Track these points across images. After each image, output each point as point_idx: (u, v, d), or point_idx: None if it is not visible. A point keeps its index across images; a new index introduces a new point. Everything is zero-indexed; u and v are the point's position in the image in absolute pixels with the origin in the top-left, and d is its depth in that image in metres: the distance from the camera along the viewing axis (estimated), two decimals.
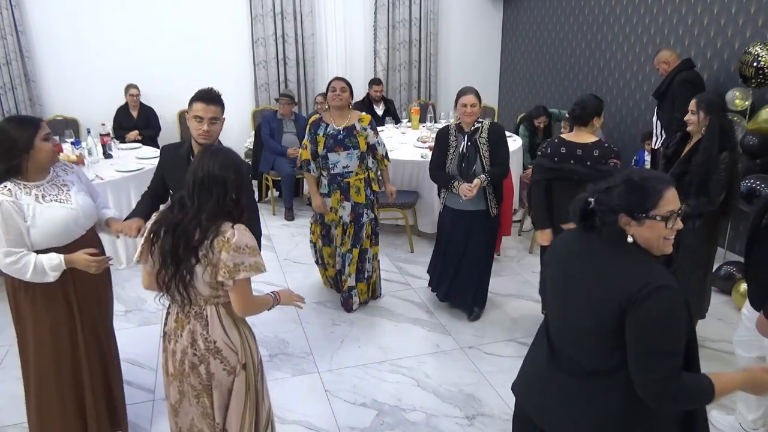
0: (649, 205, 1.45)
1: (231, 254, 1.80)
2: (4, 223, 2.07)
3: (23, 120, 2.16)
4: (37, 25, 6.21)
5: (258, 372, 2.04)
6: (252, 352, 2.02)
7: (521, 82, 7.57)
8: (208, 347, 1.92)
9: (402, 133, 5.85)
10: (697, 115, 2.90)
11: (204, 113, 2.40)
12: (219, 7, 6.68)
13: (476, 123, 3.48)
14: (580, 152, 3.09)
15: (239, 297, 1.88)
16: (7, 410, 2.90)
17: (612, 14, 5.79)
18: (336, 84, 3.52)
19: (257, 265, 1.86)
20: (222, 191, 1.84)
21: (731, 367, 3.21)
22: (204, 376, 1.94)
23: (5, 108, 6.23)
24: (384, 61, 7.37)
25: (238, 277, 1.82)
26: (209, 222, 1.82)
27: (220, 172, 1.84)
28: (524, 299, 3.97)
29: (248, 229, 1.89)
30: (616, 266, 1.48)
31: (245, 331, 2.01)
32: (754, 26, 4.23)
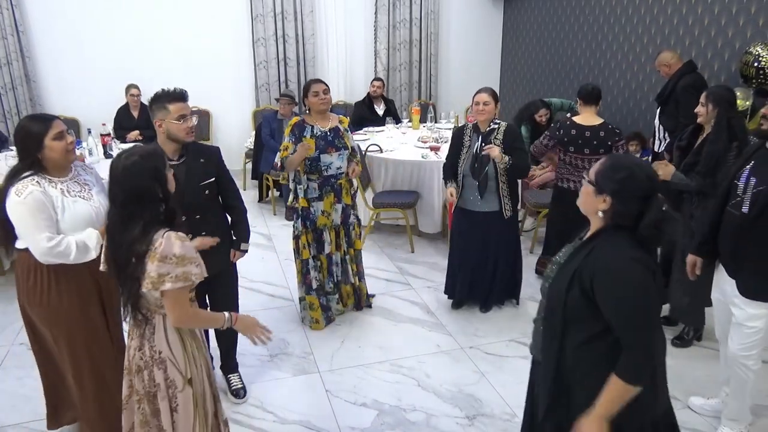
0: None
1: (156, 264, 1.72)
2: (38, 210, 2.11)
3: (35, 119, 2.21)
4: (37, 25, 6.21)
5: (208, 388, 1.97)
6: (199, 368, 1.93)
7: (522, 82, 7.57)
8: (153, 356, 1.87)
9: (402, 133, 5.85)
10: (706, 107, 2.99)
11: (187, 110, 2.47)
12: (219, 7, 6.68)
13: (492, 124, 3.48)
14: (588, 134, 3.60)
15: (169, 308, 1.81)
16: (7, 410, 2.90)
17: (612, 14, 5.79)
18: (318, 87, 3.39)
19: (186, 275, 1.76)
20: (143, 209, 1.75)
21: None
22: (147, 383, 1.90)
23: (5, 108, 6.24)
24: (384, 61, 7.37)
25: (163, 287, 1.73)
26: (142, 238, 1.75)
27: (138, 191, 1.75)
28: (525, 299, 3.97)
29: (184, 237, 1.80)
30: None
31: (192, 344, 1.92)
32: (755, 26, 4.23)
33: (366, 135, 5.71)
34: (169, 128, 2.46)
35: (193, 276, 1.79)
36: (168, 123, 2.45)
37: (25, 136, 2.15)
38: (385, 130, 5.97)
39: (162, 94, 2.48)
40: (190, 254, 1.78)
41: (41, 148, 2.15)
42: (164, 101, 2.45)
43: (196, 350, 1.93)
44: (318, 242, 3.59)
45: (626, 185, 1.53)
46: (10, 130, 6.20)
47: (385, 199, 4.78)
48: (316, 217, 3.51)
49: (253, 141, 6.27)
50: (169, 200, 1.84)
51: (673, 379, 3.12)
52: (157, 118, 2.47)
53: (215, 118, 6.95)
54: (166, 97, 2.46)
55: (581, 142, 3.62)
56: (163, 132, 2.49)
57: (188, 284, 1.78)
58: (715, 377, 3.11)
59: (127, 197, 1.75)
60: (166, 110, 2.44)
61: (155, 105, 2.48)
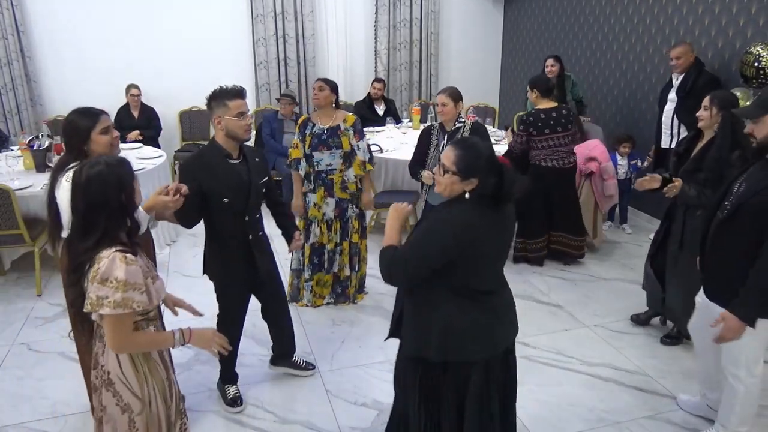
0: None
1: (96, 285, 1.63)
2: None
3: (84, 113, 2.28)
4: (37, 25, 6.22)
5: (162, 417, 1.82)
6: (152, 390, 1.79)
7: (522, 82, 7.56)
8: (102, 376, 1.78)
9: (403, 133, 5.85)
10: (710, 111, 2.92)
11: (246, 108, 2.54)
12: (220, 7, 6.68)
13: (457, 122, 3.55)
14: (554, 114, 4.20)
15: (108, 333, 1.69)
16: (7, 410, 2.90)
17: (613, 14, 5.78)
18: (315, 84, 3.54)
19: (126, 302, 1.63)
20: (104, 219, 1.66)
21: None
22: (97, 404, 1.81)
23: (5, 108, 6.24)
24: (385, 61, 7.37)
25: (101, 311, 1.63)
26: (93, 249, 1.67)
27: (101, 200, 1.66)
28: (524, 299, 3.97)
29: (134, 261, 1.68)
30: None
31: (145, 368, 1.78)
32: (755, 26, 4.23)
33: (366, 135, 5.69)
34: (228, 125, 2.49)
35: (134, 304, 1.66)
36: (227, 120, 2.48)
37: (74, 128, 2.22)
38: (386, 130, 5.97)
39: (221, 92, 2.51)
40: (133, 280, 1.65)
41: (88, 141, 2.21)
42: (224, 98, 2.48)
43: (148, 372, 1.79)
44: (306, 232, 3.75)
45: (490, 164, 1.88)
46: (10, 130, 6.21)
47: (386, 199, 4.78)
48: (308, 207, 3.72)
49: (253, 141, 6.27)
50: (133, 212, 1.76)
51: (665, 375, 3.14)
52: (215, 115, 2.50)
53: None
54: (226, 94, 2.49)
55: (552, 123, 4.19)
56: (221, 129, 2.52)
57: (128, 311, 1.66)
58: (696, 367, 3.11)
59: (87, 207, 1.66)
60: (225, 107, 2.48)
61: (214, 102, 2.51)
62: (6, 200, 3.80)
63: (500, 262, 2.07)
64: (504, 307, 2.09)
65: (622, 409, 2.87)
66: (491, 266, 2.01)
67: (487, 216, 1.90)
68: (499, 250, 2.02)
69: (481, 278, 1.96)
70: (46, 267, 4.36)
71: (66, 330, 3.61)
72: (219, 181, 2.53)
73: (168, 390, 1.85)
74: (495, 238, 1.95)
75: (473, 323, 1.97)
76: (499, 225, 1.96)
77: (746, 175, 2.28)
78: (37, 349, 3.43)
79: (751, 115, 2.19)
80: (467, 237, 1.87)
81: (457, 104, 3.53)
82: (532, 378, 3.12)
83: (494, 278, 2.04)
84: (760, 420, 2.78)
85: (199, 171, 2.52)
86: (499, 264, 2.07)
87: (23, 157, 4.63)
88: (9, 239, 3.97)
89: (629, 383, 3.08)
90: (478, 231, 1.88)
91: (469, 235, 1.87)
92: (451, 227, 1.88)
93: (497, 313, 2.04)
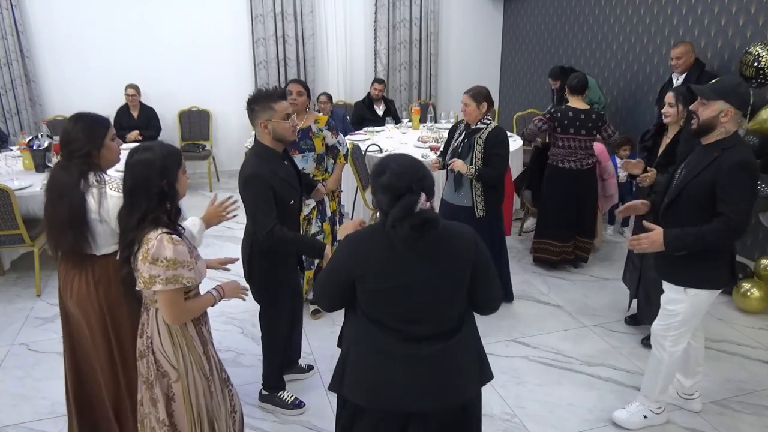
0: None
1: (147, 265, 1.79)
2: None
3: (97, 119, 2.26)
4: (37, 25, 6.21)
5: (198, 387, 1.97)
6: (189, 363, 1.95)
7: (522, 82, 7.57)
8: (147, 344, 1.96)
9: (402, 133, 5.85)
10: (676, 108, 3.06)
11: (290, 109, 2.46)
12: (219, 7, 6.68)
13: (481, 123, 3.51)
14: (582, 116, 4.06)
15: (162, 308, 1.87)
16: (7, 410, 2.90)
17: (612, 14, 5.79)
18: (292, 87, 3.26)
19: (177, 278, 1.81)
20: (145, 199, 1.82)
21: (733, 366, 3.21)
22: (146, 369, 1.98)
23: (5, 108, 6.23)
24: (384, 61, 7.37)
25: (154, 288, 1.80)
26: (136, 233, 1.83)
27: (143, 181, 1.82)
28: (524, 299, 3.97)
29: (180, 241, 1.82)
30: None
31: (182, 341, 1.95)
32: (755, 26, 4.23)
33: (366, 135, 5.71)
34: (276, 128, 2.42)
35: (184, 279, 1.83)
36: (274, 123, 2.40)
37: (89, 133, 2.19)
38: (385, 130, 5.97)
39: (264, 94, 2.42)
40: (182, 258, 1.82)
41: (101, 147, 2.21)
42: (268, 101, 2.40)
43: (185, 345, 1.95)
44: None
45: (388, 183, 1.63)
46: (10, 130, 6.21)
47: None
48: None
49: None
50: (175, 200, 1.89)
51: None
52: (261, 120, 2.41)
53: (215, 118, 6.95)
54: (270, 96, 2.41)
55: (578, 124, 4.07)
56: (268, 133, 2.43)
57: (179, 287, 1.83)
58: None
59: (133, 185, 1.83)
60: (271, 110, 2.39)
61: (257, 106, 2.41)
62: (5, 200, 3.80)
63: (425, 299, 1.68)
64: (413, 358, 1.69)
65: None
66: (401, 300, 1.68)
67: (397, 243, 1.64)
68: (421, 286, 1.67)
69: (377, 307, 1.71)
70: (45, 267, 4.36)
71: None
72: (285, 185, 2.47)
73: (206, 362, 2.00)
74: (404, 269, 1.66)
75: (359, 359, 1.75)
76: (421, 257, 1.66)
77: (686, 162, 2.47)
78: (36, 349, 3.43)
79: (706, 96, 2.30)
80: (354, 261, 1.69)
81: (480, 105, 3.44)
82: (532, 378, 3.13)
83: (406, 316, 1.69)
84: (761, 420, 2.79)
85: (271, 179, 2.42)
86: (425, 303, 1.69)
87: (23, 157, 4.63)
88: (8, 239, 3.96)
89: (629, 383, 3.08)
90: (369, 254, 1.68)
91: (358, 258, 1.69)
92: (345, 246, 1.73)
93: (393, 359, 1.70)
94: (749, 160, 2.26)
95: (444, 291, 1.70)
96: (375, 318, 1.71)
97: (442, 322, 1.72)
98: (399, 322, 1.69)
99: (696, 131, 2.38)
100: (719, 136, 2.32)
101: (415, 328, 1.69)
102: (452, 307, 1.74)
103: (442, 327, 1.72)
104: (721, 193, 2.24)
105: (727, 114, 2.27)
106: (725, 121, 2.28)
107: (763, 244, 4.25)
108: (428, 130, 5.75)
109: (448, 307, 1.73)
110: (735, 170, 2.22)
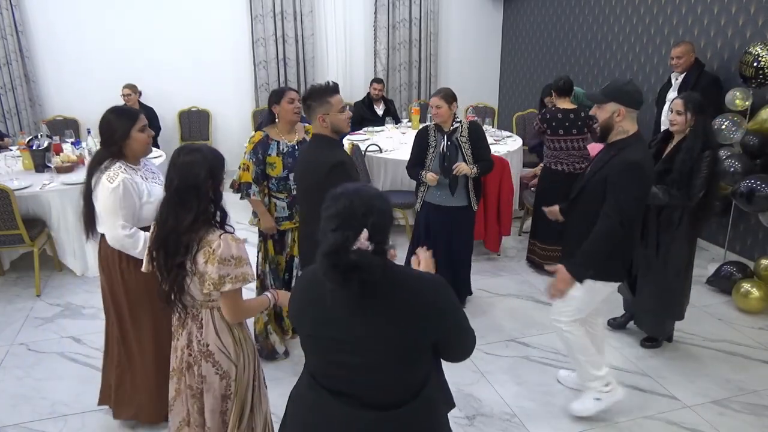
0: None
1: (217, 266, 1.80)
2: (124, 198, 2.29)
3: (124, 111, 2.44)
4: (37, 25, 6.21)
5: (250, 379, 2.04)
6: (246, 356, 2.01)
7: (521, 82, 7.57)
8: (201, 350, 1.96)
9: (402, 133, 5.85)
10: (684, 116, 2.96)
11: (343, 101, 2.57)
12: (219, 7, 6.68)
13: (454, 123, 3.56)
14: (572, 116, 4.12)
15: (228, 307, 1.90)
16: (7, 410, 2.90)
17: (612, 14, 5.79)
18: (294, 95, 3.05)
19: (244, 276, 1.86)
20: (196, 201, 1.82)
21: (733, 366, 3.21)
22: (196, 379, 1.98)
23: (5, 108, 6.23)
24: (384, 61, 7.37)
25: (224, 288, 1.83)
26: (190, 235, 1.83)
27: (193, 181, 1.82)
28: (524, 299, 3.97)
29: (240, 240, 1.89)
30: None
31: (240, 335, 2.01)
32: (755, 26, 4.23)
33: (366, 135, 5.71)
34: (333, 121, 2.52)
35: (249, 276, 1.88)
36: (332, 116, 2.51)
37: (115, 125, 2.33)
38: (385, 130, 5.97)
39: (319, 89, 2.50)
40: (245, 255, 1.88)
41: (127, 138, 2.33)
42: (325, 96, 2.48)
43: (243, 340, 2.01)
44: (278, 243, 3.25)
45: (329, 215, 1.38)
46: (9, 130, 6.21)
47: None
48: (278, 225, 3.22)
49: None
50: (219, 202, 1.92)
51: (665, 375, 3.14)
52: (319, 114, 2.50)
53: (215, 118, 6.95)
54: (325, 91, 2.49)
55: (568, 125, 4.11)
56: (326, 126, 2.53)
57: (245, 284, 1.87)
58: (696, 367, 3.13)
59: (182, 184, 1.82)
60: (328, 104, 2.48)
61: (314, 102, 2.50)
62: (5, 200, 3.80)
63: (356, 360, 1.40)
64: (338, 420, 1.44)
65: (622, 409, 2.86)
66: (327, 356, 1.45)
67: (327, 288, 1.36)
68: (352, 344, 1.40)
69: (308, 352, 1.52)
70: (45, 267, 4.36)
71: (65, 330, 3.62)
72: (354, 170, 2.60)
73: (256, 356, 2.08)
74: (334, 320, 1.40)
75: (290, 400, 1.61)
76: (352, 310, 1.39)
77: (594, 160, 2.60)
78: (36, 349, 3.43)
79: (598, 101, 2.46)
80: (294, 298, 1.53)
81: (451, 105, 3.48)
82: (532, 378, 3.12)
83: (336, 373, 1.45)
84: (761, 420, 2.79)
85: (351, 168, 2.57)
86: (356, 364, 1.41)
87: (22, 157, 4.63)
88: (8, 239, 3.96)
89: (629, 383, 3.08)
90: (306, 294, 1.50)
91: (295, 295, 1.53)
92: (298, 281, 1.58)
93: (311, 413, 1.50)
94: (636, 161, 2.37)
95: (379, 357, 1.39)
96: (309, 370, 1.52)
97: (373, 391, 1.43)
98: (327, 379, 1.46)
99: (599, 133, 2.53)
100: (618, 136, 2.46)
101: (347, 390, 1.43)
102: (389, 376, 1.42)
103: (374, 397, 1.42)
104: (608, 191, 2.39)
105: (619, 114, 2.41)
106: (619, 120, 2.42)
107: (763, 244, 4.25)
108: None
109: (382, 376, 1.42)
110: (621, 170, 2.36)
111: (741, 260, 4.20)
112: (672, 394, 2.99)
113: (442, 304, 1.44)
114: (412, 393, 1.45)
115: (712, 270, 4.12)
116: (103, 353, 2.72)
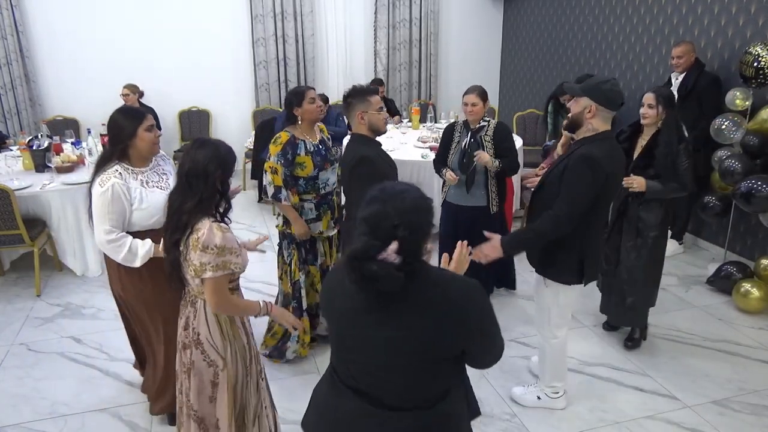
0: None
1: (198, 253, 1.86)
2: (112, 203, 2.31)
3: (131, 110, 2.47)
4: (37, 25, 6.21)
5: (243, 376, 2.09)
6: (233, 353, 2.04)
7: (521, 82, 7.57)
8: (193, 337, 2.02)
9: (402, 133, 5.85)
10: (656, 109, 3.03)
11: (382, 102, 2.70)
12: (219, 7, 6.68)
13: (482, 121, 3.54)
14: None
15: (208, 294, 1.93)
16: (7, 410, 2.90)
17: (612, 14, 5.79)
18: (313, 93, 3.00)
19: (225, 264, 1.89)
20: (203, 186, 1.89)
21: (733, 366, 3.21)
22: (187, 360, 2.05)
23: (5, 108, 6.23)
24: (384, 61, 7.37)
25: (204, 276, 1.88)
26: (189, 218, 1.89)
27: (203, 168, 1.89)
28: (524, 299, 3.97)
29: (228, 229, 1.94)
30: None
31: (230, 331, 2.04)
32: (755, 26, 4.23)
33: None
34: (371, 119, 2.67)
35: (232, 265, 1.91)
36: (370, 114, 2.65)
37: (122, 125, 2.35)
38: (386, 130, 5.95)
39: (360, 89, 2.67)
40: (230, 245, 1.90)
41: (134, 137, 2.35)
42: (365, 94, 2.63)
43: (232, 336, 2.04)
44: (310, 251, 3.20)
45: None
46: (9, 130, 6.21)
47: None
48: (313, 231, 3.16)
49: (252, 141, 6.27)
50: (225, 195, 1.99)
51: (665, 375, 3.14)
52: (358, 111, 2.66)
53: (215, 118, 6.95)
54: (366, 90, 2.66)
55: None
56: (364, 124, 2.68)
57: (227, 273, 1.90)
58: (696, 367, 3.12)
59: (192, 170, 1.89)
60: (367, 102, 2.63)
61: (355, 99, 2.65)
62: (5, 200, 3.80)
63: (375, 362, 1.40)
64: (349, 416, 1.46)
65: (622, 409, 2.87)
66: (349, 352, 1.46)
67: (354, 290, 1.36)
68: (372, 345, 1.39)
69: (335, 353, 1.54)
70: (45, 267, 4.36)
71: (65, 330, 3.62)
72: (387, 166, 2.71)
73: (248, 353, 2.10)
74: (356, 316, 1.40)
75: (313, 391, 1.64)
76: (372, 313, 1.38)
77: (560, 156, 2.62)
78: (36, 349, 3.43)
79: (574, 93, 2.43)
80: (324, 289, 1.57)
81: (485, 103, 3.50)
82: (532, 378, 3.12)
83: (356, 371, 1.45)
84: (761, 420, 2.79)
85: (380, 163, 2.66)
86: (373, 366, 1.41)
87: (22, 157, 4.63)
88: (8, 239, 3.96)
89: (629, 383, 3.08)
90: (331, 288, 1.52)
91: (326, 285, 1.56)
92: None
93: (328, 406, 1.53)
94: (592, 155, 2.32)
95: (400, 360, 1.37)
96: (332, 363, 1.54)
97: (390, 392, 1.41)
98: (346, 374, 1.47)
99: (567, 125, 2.53)
100: (586, 133, 2.42)
101: (365, 388, 1.44)
102: (408, 379, 1.39)
103: (390, 398, 1.41)
104: (562, 184, 2.40)
105: (591, 110, 2.36)
106: (589, 117, 2.37)
107: (763, 244, 4.25)
108: (428, 130, 5.76)
109: (401, 378, 1.40)
110: (576, 163, 2.35)
111: (741, 260, 4.20)
112: (672, 394, 2.99)
113: (473, 311, 1.40)
114: (427, 402, 1.43)
115: (712, 270, 4.11)
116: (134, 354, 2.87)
